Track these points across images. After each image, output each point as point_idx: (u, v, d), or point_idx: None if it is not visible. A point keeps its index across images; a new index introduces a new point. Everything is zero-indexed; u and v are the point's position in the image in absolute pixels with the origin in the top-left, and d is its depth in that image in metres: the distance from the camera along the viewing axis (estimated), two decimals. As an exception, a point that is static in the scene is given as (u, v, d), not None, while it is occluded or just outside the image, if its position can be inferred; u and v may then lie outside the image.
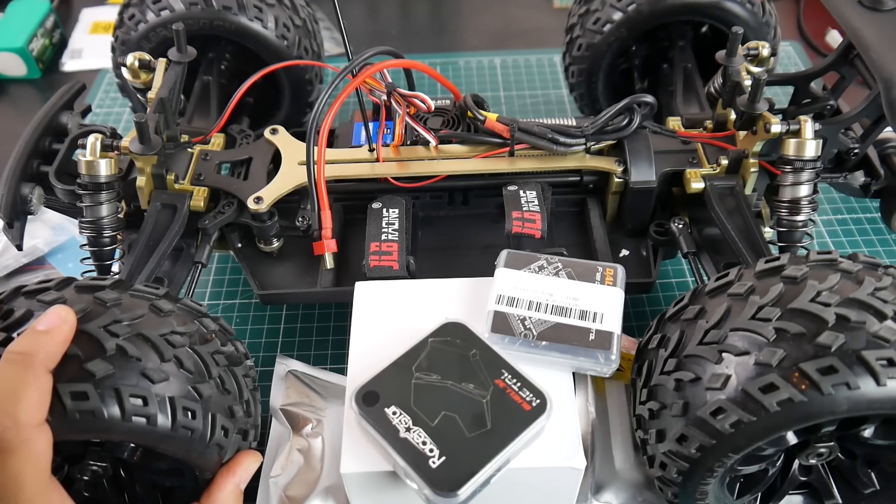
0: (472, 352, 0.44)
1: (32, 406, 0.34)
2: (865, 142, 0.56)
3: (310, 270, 0.59)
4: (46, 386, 0.35)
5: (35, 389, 0.35)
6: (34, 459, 0.34)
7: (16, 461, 0.33)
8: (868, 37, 0.50)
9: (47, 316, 0.37)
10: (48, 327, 0.37)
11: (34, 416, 0.34)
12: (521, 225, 0.54)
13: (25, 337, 0.36)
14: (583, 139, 0.56)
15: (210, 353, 0.42)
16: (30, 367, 0.35)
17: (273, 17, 0.67)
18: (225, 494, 0.43)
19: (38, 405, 0.34)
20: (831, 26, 0.96)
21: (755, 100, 0.53)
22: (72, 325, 0.37)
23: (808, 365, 0.35)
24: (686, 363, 0.40)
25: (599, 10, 0.69)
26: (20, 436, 0.33)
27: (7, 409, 0.33)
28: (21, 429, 0.33)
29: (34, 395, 0.34)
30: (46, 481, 0.35)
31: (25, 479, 0.34)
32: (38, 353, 0.35)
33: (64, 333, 0.37)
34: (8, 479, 0.33)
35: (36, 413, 0.34)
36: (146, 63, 0.60)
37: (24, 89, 0.95)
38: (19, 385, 0.34)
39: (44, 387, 0.35)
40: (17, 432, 0.33)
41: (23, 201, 0.54)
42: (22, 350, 0.36)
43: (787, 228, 0.53)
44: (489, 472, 0.39)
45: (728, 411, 0.37)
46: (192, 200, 0.56)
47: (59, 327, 0.37)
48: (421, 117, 0.60)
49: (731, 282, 0.41)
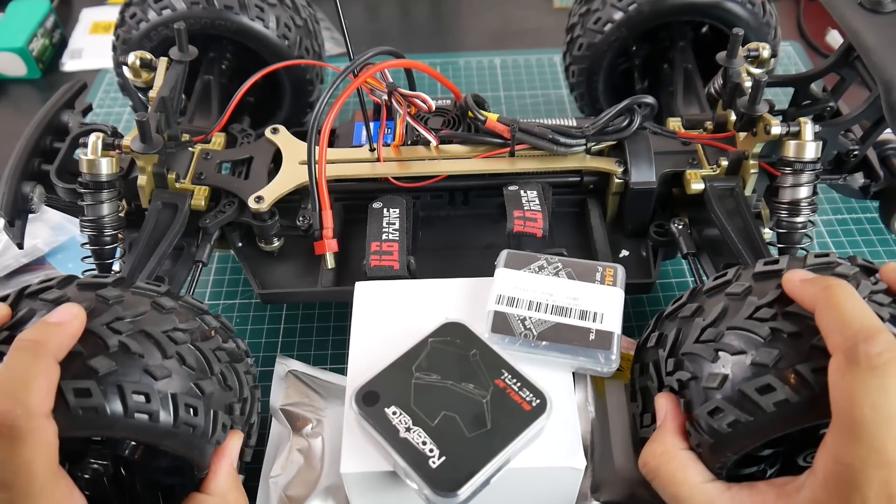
0: (472, 352, 0.44)
1: (43, 395, 0.34)
2: (865, 143, 0.56)
3: (310, 270, 0.59)
4: (55, 376, 0.35)
5: (45, 378, 0.34)
6: (45, 448, 0.34)
7: (28, 449, 0.33)
8: (868, 39, 0.50)
9: (59, 311, 0.37)
10: (59, 321, 0.37)
11: (44, 405, 0.34)
12: (522, 224, 0.54)
13: (37, 327, 0.36)
14: (583, 140, 0.56)
15: (211, 350, 0.42)
16: (40, 356, 0.35)
17: (274, 16, 0.67)
18: (224, 477, 0.43)
19: (47, 394, 0.34)
20: (831, 26, 0.96)
21: (755, 101, 0.53)
22: (82, 322, 0.38)
23: (803, 366, 0.35)
24: (684, 361, 0.40)
25: (600, 10, 0.69)
26: (31, 424, 0.33)
27: (19, 397, 0.33)
28: (32, 417, 0.33)
29: (44, 384, 0.34)
30: (56, 470, 0.35)
31: (37, 467, 0.33)
32: (49, 343, 0.35)
33: (74, 328, 0.37)
34: (19, 467, 0.33)
35: (45, 402, 0.34)
36: (147, 62, 0.60)
37: (24, 89, 0.95)
38: (30, 372, 0.34)
39: (53, 377, 0.35)
40: (28, 420, 0.33)
41: (24, 200, 0.54)
42: (33, 338, 0.36)
43: (787, 230, 0.53)
44: (489, 472, 0.39)
45: (725, 411, 0.37)
46: (193, 199, 0.56)
47: (69, 321, 0.37)
48: (422, 117, 0.60)
49: (728, 281, 0.42)
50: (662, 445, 0.40)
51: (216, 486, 0.42)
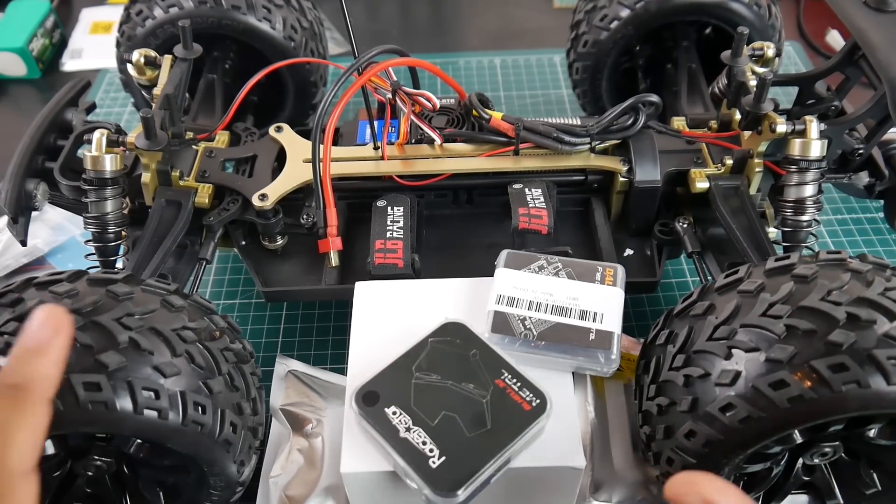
0: (472, 352, 0.44)
1: (25, 451, 0.30)
2: (870, 142, 0.56)
3: (314, 268, 0.59)
4: (43, 422, 0.31)
5: (30, 431, 0.31)
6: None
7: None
8: (874, 38, 0.50)
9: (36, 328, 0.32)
10: (38, 344, 0.32)
11: (25, 463, 0.30)
12: (527, 221, 0.54)
13: (16, 363, 0.31)
14: (588, 138, 0.56)
15: (220, 350, 0.42)
16: (25, 404, 0.31)
17: (281, 18, 0.67)
18: None
19: (30, 449, 0.31)
20: (831, 26, 0.96)
21: (761, 100, 0.53)
22: (68, 334, 0.33)
23: (819, 362, 0.35)
24: (695, 359, 0.40)
25: (607, 7, 0.68)
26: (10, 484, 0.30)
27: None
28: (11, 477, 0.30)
29: (28, 439, 0.30)
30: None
31: None
32: (33, 385, 0.31)
33: (60, 348, 0.32)
34: None
35: (27, 459, 0.30)
36: (152, 60, 0.60)
37: (24, 89, 0.95)
38: (12, 426, 0.30)
39: (40, 424, 0.31)
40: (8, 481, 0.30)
41: (27, 197, 0.54)
42: (14, 383, 0.31)
43: (792, 228, 0.53)
44: (489, 472, 0.39)
45: (738, 407, 0.37)
46: (197, 197, 0.55)
47: (52, 342, 0.32)
48: (426, 116, 0.60)
49: (740, 279, 0.41)
50: None
51: None
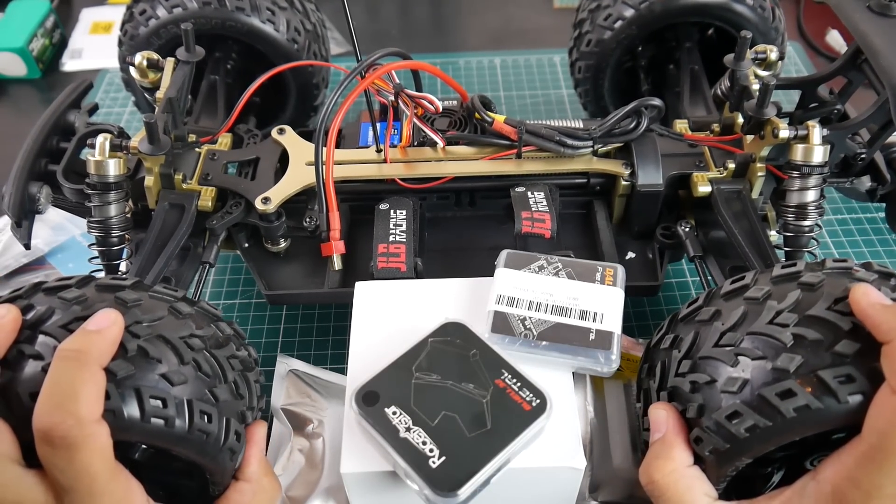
0: (472, 352, 0.44)
1: (91, 402, 0.35)
2: (872, 147, 0.56)
3: (317, 271, 0.59)
4: (102, 382, 0.36)
5: (93, 385, 0.35)
6: (100, 451, 0.35)
7: (84, 455, 0.34)
8: (877, 42, 0.50)
9: (97, 318, 0.38)
10: (98, 328, 0.37)
11: (93, 412, 0.35)
12: (530, 225, 0.54)
13: (78, 335, 0.37)
14: (590, 142, 0.56)
15: (226, 358, 0.42)
16: (85, 364, 0.35)
17: (285, 20, 0.67)
18: (256, 463, 0.45)
19: (96, 401, 0.35)
20: (832, 26, 0.96)
21: (763, 105, 0.53)
22: (121, 328, 0.38)
23: (826, 373, 0.35)
24: (701, 365, 0.40)
25: (611, 6, 0.68)
26: (84, 431, 0.34)
27: (69, 408, 0.34)
28: (84, 425, 0.34)
29: (92, 391, 0.35)
30: (112, 468, 0.36)
31: (95, 470, 0.35)
32: (92, 351, 0.36)
33: (114, 333, 0.37)
34: (79, 472, 0.34)
35: (95, 408, 0.35)
36: (154, 62, 0.59)
37: (24, 89, 0.95)
38: (77, 382, 0.35)
39: (100, 383, 0.36)
40: (81, 429, 0.34)
41: (31, 200, 0.54)
42: (76, 347, 0.36)
43: (794, 233, 0.53)
44: (489, 472, 0.39)
45: (744, 415, 0.37)
46: (200, 200, 0.55)
47: (109, 328, 0.37)
48: (428, 118, 0.60)
49: (747, 285, 0.41)
50: (671, 463, 0.39)
51: (251, 472, 0.44)
